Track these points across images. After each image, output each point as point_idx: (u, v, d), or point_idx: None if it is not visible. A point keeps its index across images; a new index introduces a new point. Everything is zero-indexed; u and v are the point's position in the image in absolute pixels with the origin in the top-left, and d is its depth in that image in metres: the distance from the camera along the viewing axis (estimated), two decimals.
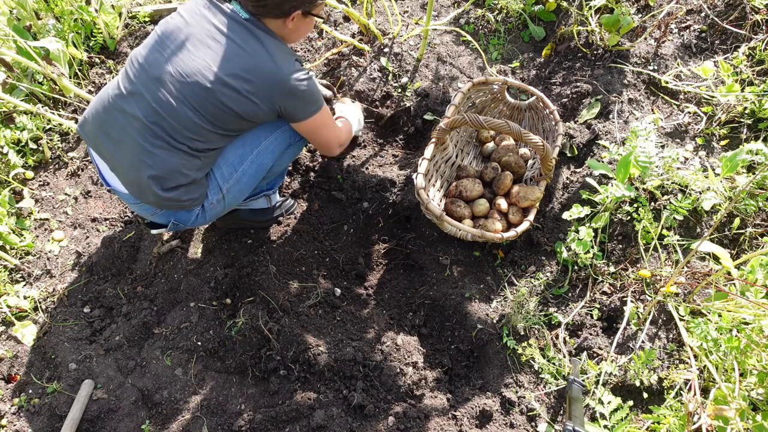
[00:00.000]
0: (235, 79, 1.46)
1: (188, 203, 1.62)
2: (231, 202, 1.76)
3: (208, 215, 1.72)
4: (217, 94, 1.46)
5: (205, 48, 1.46)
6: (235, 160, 1.67)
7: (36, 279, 2.10)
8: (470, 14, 2.71)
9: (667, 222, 1.83)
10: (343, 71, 2.42)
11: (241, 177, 1.70)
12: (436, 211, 1.82)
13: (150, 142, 1.49)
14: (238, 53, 1.46)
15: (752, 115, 2.12)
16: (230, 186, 1.69)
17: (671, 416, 1.47)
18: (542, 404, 1.71)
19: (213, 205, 1.70)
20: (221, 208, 1.74)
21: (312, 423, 1.63)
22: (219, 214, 1.78)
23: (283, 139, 1.74)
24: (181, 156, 1.54)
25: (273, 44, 1.50)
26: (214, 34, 1.47)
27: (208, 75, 1.45)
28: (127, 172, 1.55)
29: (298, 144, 1.82)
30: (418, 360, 1.81)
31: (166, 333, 1.86)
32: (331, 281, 2.06)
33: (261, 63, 1.47)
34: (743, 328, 1.50)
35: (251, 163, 1.69)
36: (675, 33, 2.47)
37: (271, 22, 1.52)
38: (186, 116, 1.48)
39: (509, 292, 1.92)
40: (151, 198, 1.57)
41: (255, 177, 1.74)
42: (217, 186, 1.68)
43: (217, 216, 1.79)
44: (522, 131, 1.75)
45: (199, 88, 1.45)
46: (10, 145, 2.32)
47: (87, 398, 1.73)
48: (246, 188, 1.75)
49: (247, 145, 1.67)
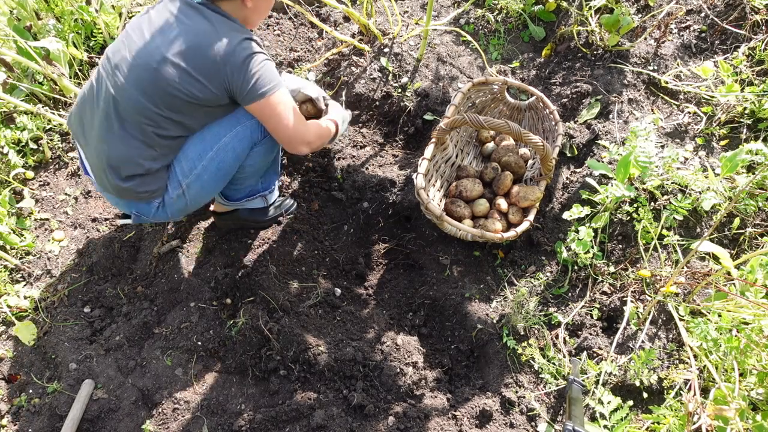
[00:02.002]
0: (180, 58, 1.47)
1: (144, 195, 1.63)
2: (194, 199, 1.72)
3: (169, 210, 1.70)
4: (163, 73, 1.47)
5: (158, 33, 1.50)
6: (194, 155, 1.64)
7: (36, 279, 2.10)
8: (470, 14, 2.71)
9: (667, 222, 1.83)
10: (343, 71, 2.42)
11: (201, 173, 1.66)
12: (436, 211, 1.82)
13: (107, 129, 1.54)
14: (185, 33, 1.48)
15: (752, 115, 2.12)
16: (190, 182, 1.66)
17: (671, 416, 1.47)
18: (542, 404, 1.71)
19: (173, 200, 1.68)
20: (183, 204, 1.70)
21: (312, 423, 1.63)
22: (183, 211, 1.75)
23: (244, 137, 1.68)
24: (136, 145, 1.55)
25: (222, 23, 1.52)
26: (168, 19, 1.51)
27: (155, 56, 1.47)
28: (93, 160, 1.62)
29: (265, 144, 1.75)
30: (418, 360, 1.81)
31: (166, 333, 1.86)
32: (331, 281, 2.06)
33: (207, 40, 1.48)
34: (743, 328, 1.50)
35: (211, 160, 1.65)
36: (675, 33, 2.47)
37: (227, 4, 1.55)
38: (136, 99, 1.49)
39: (509, 292, 1.93)
40: (110, 186, 1.61)
41: (217, 175, 1.69)
42: (177, 180, 1.66)
43: (182, 212, 1.76)
44: (522, 131, 1.75)
45: (145, 70, 1.48)
46: (10, 145, 2.32)
47: (87, 398, 1.73)
48: (209, 186, 1.70)
49: (207, 141, 1.64)
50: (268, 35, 2.70)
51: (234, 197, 1.94)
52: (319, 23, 2.33)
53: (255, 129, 1.69)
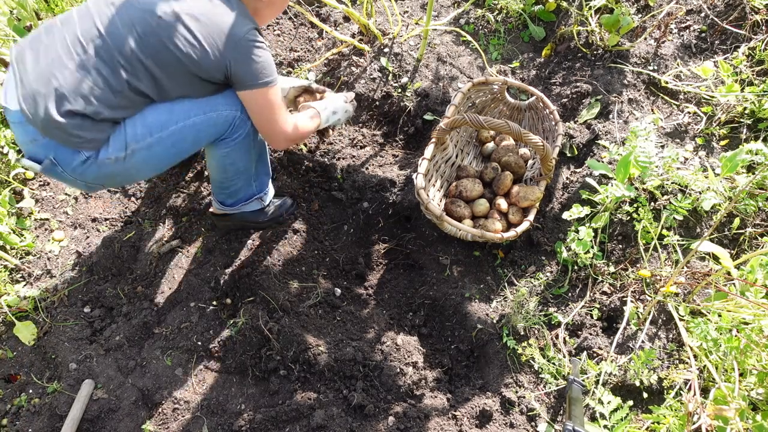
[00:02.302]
0: (190, 18, 1.43)
1: (75, 140, 1.45)
2: (131, 172, 1.58)
3: (96, 171, 1.52)
4: (167, 26, 1.42)
5: None
6: (154, 123, 1.54)
7: (36, 279, 2.10)
8: (470, 14, 2.71)
9: (667, 222, 1.83)
10: (343, 71, 2.42)
11: (153, 144, 1.55)
12: (436, 211, 1.82)
13: (72, 57, 1.42)
14: (202, 1, 1.46)
15: (752, 115, 2.12)
16: (138, 149, 1.53)
17: (671, 416, 1.47)
18: (542, 404, 1.71)
19: (109, 162, 1.51)
20: (116, 170, 1.54)
21: (312, 423, 1.63)
22: (109, 178, 1.58)
23: (214, 124, 1.61)
24: (99, 83, 1.43)
25: (239, 6, 1.51)
26: None
27: (164, 7, 1.42)
28: (32, 83, 1.43)
29: (236, 142, 1.69)
30: (418, 360, 1.81)
31: (166, 333, 1.86)
32: (331, 281, 2.06)
33: (221, 15, 1.46)
34: (743, 328, 1.50)
35: (171, 135, 1.56)
36: (675, 33, 2.47)
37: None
38: (124, 38, 1.42)
39: (509, 292, 1.93)
40: (42, 115, 1.42)
41: (168, 152, 1.60)
42: (123, 141, 1.51)
43: (106, 180, 1.59)
44: (522, 131, 1.75)
45: (150, 15, 1.42)
46: (10, 145, 2.32)
47: (87, 398, 1.73)
48: (154, 161, 1.59)
49: (174, 114, 1.55)
50: (268, 35, 2.70)
51: (228, 203, 1.94)
52: (319, 23, 2.33)
53: (226, 122, 1.64)
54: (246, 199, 1.94)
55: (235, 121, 1.65)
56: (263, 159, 1.90)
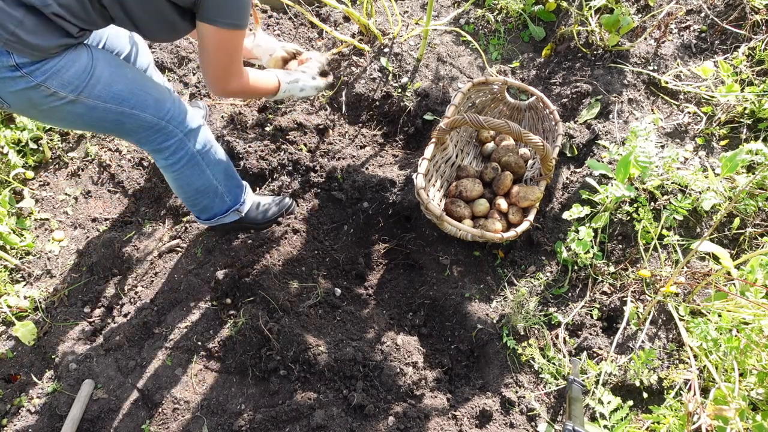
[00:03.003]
0: None
1: (10, 37, 1.21)
2: (58, 115, 1.42)
3: (21, 92, 1.31)
4: None
5: None
6: (117, 94, 1.45)
7: (36, 279, 2.10)
8: (470, 14, 2.71)
9: (667, 222, 1.83)
10: (343, 71, 2.42)
11: (99, 110, 1.44)
12: (436, 211, 1.82)
13: None
14: None
15: (752, 115, 2.12)
16: (85, 102, 1.41)
17: (671, 416, 1.47)
18: (542, 404, 1.71)
19: (43, 91, 1.33)
20: (44, 103, 1.36)
21: (312, 423, 1.63)
22: (26, 105, 1.38)
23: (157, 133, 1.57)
24: None
25: None
26: None
27: None
28: None
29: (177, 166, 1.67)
30: (418, 360, 1.81)
31: (166, 333, 1.86)
32: (331, 281, 2.06)
33: None
34: (743, 328, 1.50)
35: (119, 114, 1.47)
36: (675, 33, 2.47)
37: None
38: None
39: (509, 292, 1.93)
40: None
41: (102, 124, 1.50)
42: (78, 84, 1.36)
43: (20, 106, 1.39)
44: (522, 131, 1.75)
45: None
46: (10, 145, 2.32)
47: (87, 398, 1.73)
48: (85, 121, 1.47)
49: (136, 97, 1.49)
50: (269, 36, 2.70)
51: (204, 217, 1.93)
52: (319, 23, 2.33)
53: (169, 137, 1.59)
54: (222, 213, 1.92)
55: (168, 140, 1.61)
56: (229, 175, 1.88)
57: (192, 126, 1.68)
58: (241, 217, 2.00)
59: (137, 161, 2.40)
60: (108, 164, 2.37)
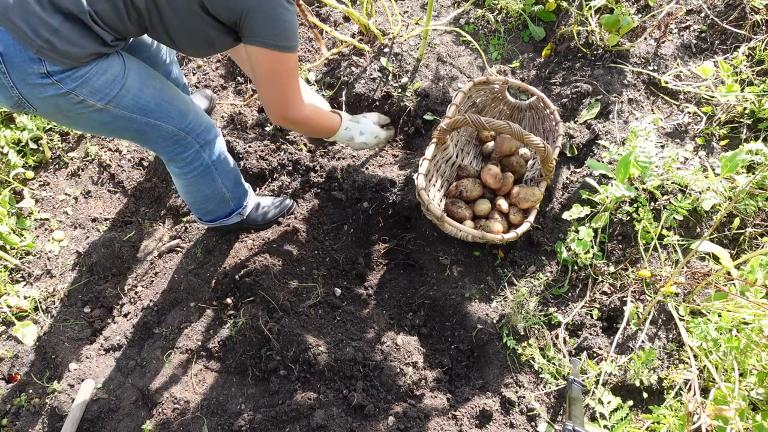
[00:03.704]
0: None
1: (43, 44, 1.19)
2: (82, 121, 1.41)
3: (51, 98, 1.30)
4: None
5: None
6: (144, 105, 1.45)
7: (36, 279, 2.10)
8: (470, 14, 2.71)
9: (667, 222, 1.83)
10: (343, 71, 2.42)
11: (125, 120, 1.44)
12: (436, 211, 1.82)
13: None
14: None
15: (752, 115, 2.12)
16: (112, 111, 1.40)
17: (671, 416, 1.47)
18: (542, 404, 1.71)
19: (72, 98, 1.31)
20: (72, 110, 1.35)
21: (312, 423, 1.63)
22: (53, 111, 1.36)
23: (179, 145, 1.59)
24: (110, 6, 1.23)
25: None
26: None
27: None
28: None
29: (191, 175, 1.68)
30: (418, 360, 1.81)
31: (166, 333, 1.86)
32: (331, 281, 2.06)
33: None
34: (743, 328, 1.50)
35: (143, 124, 1.48)
36: (675, 33, 2.47)
37: None
38: None
39: (509, 292, 1.93)
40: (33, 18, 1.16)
41: (125, 133, 1.52)
42: (108, 92, 1.35)
43: (47, 112, 1.37)
44: (523, 132, 1.75)
45: None
46: (10, 145, 2.32)
47: (87, 398, 1.73)
48: (109, 129, 1.47)
49: (163, 110, 1.50)
50: None
51: (206, 219, 1.94)
52: (319, 23, 2.33)
53: (187, 148, 1.60)
54: (225, 216, 1.93)
55: (186, 151, 1.62)
56: (237, 182, 1.89)
57: (209, 138, 1.69)
58: (243, 219, 2.00)
59: (137, 161, 2.40)
60: (108, 164, 2.37)
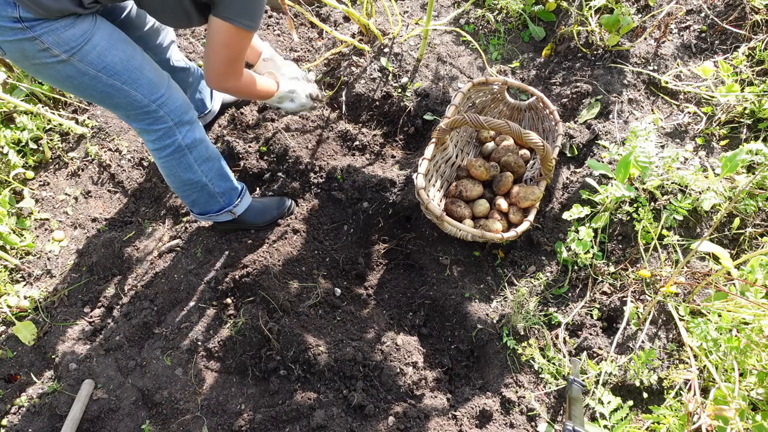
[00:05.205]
0: None
1: (33, 5, 1.26)
2: (48, 72, 1.42)
3: (18, 43, 1.33)
4: None
5: None
6: (110, 64, 1.45)
7: (36, 279, 2.10)
8: (470, 14, 2.71)
9: (667, 222, 1.83)
10: (343, 71, 2.42)
11: (89, 75, 1.43)
12: (436, 211, 1.82)
13: None
14: None
15: (752, 115, 2.12)
16: (76, 65, 1.41)
17: (671, 416, 1.47)
18: (542, 404, 1.71)
19: (38, 46, 1.34)
20: (38, 57, 1.37)
21: (312, 423, 1.63)
22: (20, 57, 1.38)
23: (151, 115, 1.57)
24: None
25: None
26: None
27: None
28: None
29: (164, 152, 1.67)
30: (418, 360, 1.81)
31: (166, 333, 1.86)
32: (331, 281, 2.06)
33: None
34: (743, 328, 1.50)
35: (108, 85, 1.48)
36: (675, 33, 2.47)
37: None
38: None
39: (509, 292, 1.93)
40: None
41: (90, 92, 1.50)
42: (73, 45, 1.37)
43: (16, 57, 1.38)
44: (522, 131, 1.75)
45: None
46: (10, 145, 2.32)
47: (87, 398, 1.73)
48: (74, 85, 1.47)
49: (129, 72, 1.49)
50: (268, 35, 2.70)
51: (196, 211, 1.94)
52: (319, 23, 2.33)
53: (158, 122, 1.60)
54: (215, 212, 1.93)
55: (157, 124, 1.62)
56: (222, 175, 1.87)
57: (184, 118, 1.68)
58: (236, 217, 1.99)
59: (137, 161, 2.40)
60: (108, 164, 2.37)
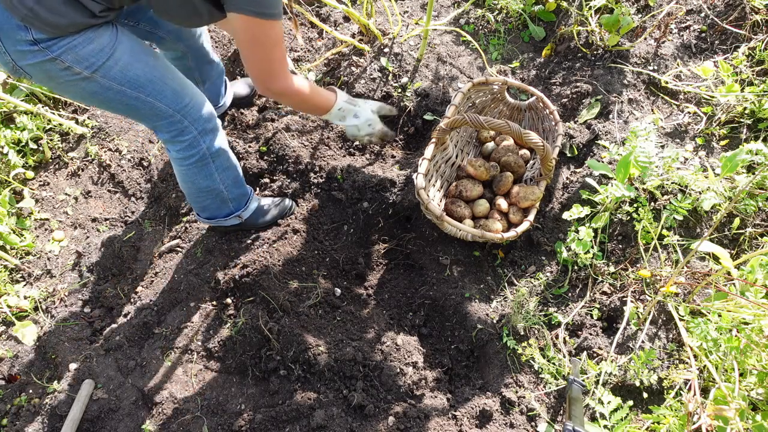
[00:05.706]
0: None
1: (27, 13, 1.22)
2: (71, 89, 1.41)
3: (39, 64, 1.32)
4: None
5: None
6: (133, 79, 1.43)
7: (36, 279, 2.10)
8: (470, 14, 2.71)
9: (667, 222, 1.83)
10: (343, 71, 2.42)
11: (113, 91, 1.42)
12: (436, 211, 1.82)
13: None
14: None
15: (752, 115, 2.12)
16: (99, 81, 1.40)
17: (671, 416, 1.47)
18: (542, 404, 1.71)
19: (58, 65, 1.32)
20: (60, 76, 1.36)
21: (312, 423, 1.63)
22: (43, 77, 1.37)
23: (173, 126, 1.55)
24: None
25: None
26: None
27: None
28: None
29: (186, 162, 1.67)
30: (418, 360, 1.81)
31: (166, 333, 1.86)
32: (331, 281, 2.06)
33: None
34: (743, 328, 1.50)
35: (133, 99, 1.46)
36: (675, 33, 2.47)
37: None
38: None
39: (509, 292, 1.93)
40: None
41: (115, 106, 1.50)
42: (94, 61, 1.35)
43: (39, 77, 1.38)
44: (522, 131, 1.75)
45: None
46: (10, 145, 2.32)
47: (87, 398, 1.73)
48: (98, 100, 1.46)
49: (153, 84, 1.47)
50: None
51: (204, 215, 1.94)
52: (319, 23, 2.33)
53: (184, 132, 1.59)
54: (223, 217, 1.93)
55: (184, 135, 1.62)
56: (238, 182, 1.88)
57: (207, 126, 1.67)
58: (242, 221, 2.00)
59: (137, 161, 2.40)
60: (108, 164, 2.37)
